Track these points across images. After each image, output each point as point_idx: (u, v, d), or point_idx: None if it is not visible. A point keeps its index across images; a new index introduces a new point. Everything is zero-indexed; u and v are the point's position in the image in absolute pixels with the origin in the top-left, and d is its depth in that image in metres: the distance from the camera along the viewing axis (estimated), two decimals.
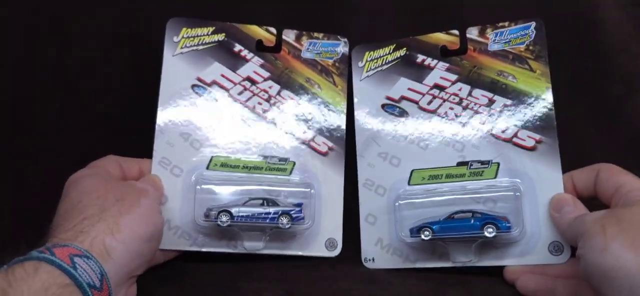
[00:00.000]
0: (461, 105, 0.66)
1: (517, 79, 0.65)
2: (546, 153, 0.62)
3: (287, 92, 0.70)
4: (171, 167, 0.66)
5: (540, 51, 0.64)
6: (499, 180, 0.62)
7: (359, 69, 0.70)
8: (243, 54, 0.70)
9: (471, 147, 0.65)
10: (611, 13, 0.72)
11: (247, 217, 0.63)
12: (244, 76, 0.69)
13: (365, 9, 0.75)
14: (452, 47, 0.67)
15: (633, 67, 0.72)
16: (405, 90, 0.68)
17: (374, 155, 0.68)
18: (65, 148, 0.76)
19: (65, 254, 0.47)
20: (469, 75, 0.66)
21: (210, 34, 0.70)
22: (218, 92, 0.69)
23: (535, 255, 0.61)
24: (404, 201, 0.64)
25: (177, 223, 0.65)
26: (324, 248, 0.67)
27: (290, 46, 0.71)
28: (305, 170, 0.68)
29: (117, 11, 0.75)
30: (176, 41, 0.69)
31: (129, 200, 0.55)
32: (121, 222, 0.52)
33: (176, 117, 0.67)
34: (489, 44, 0.66)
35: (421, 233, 0.61)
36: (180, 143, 0.67)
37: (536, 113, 0.63)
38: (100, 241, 0.50)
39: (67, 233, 0.50)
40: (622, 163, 0.67)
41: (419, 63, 0.68)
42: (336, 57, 0.71)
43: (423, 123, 0.67)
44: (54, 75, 0.76)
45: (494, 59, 0.66)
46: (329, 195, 0.68)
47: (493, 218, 0.59)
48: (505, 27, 0.66)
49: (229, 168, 0.67)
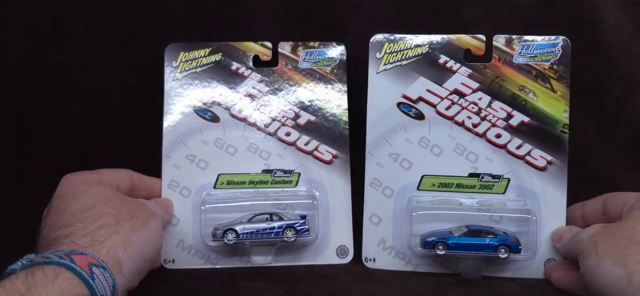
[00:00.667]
0: (479, 115, 0.65)
1: (537, 97, 0.64)
2: (555, 174, 0.64)
3: (288, 104, 0.69)
4: (180, 189, 0.67)
5: (564, 72, 0.64)
6: (514, 200, 0.64)
7: (377, 61, 0.66)
8: (240, 71, 0.69)
9: (484, 159, 0.65)
10: (611, 13, 0.72)
11: (253, 233, 0.64)
12: (243, 93, 0.69)
13: (365, 8, 0.74)
14: (477, 53, 0.65)
15: (633, 67, 0.73)
16: (424, 91, 0.65)
17: (384, 154, 0.66)
18: (65, 148, 0.75)
19: (85, 263, 0.47)
20: (491, 86, 0.65)
21: (207, 55, 0.69)
22: (220, 112, 0.68)
23: (533, 270, 0.64)
24: (420, 212, 0.63)
25: (191, 243, 0.67)
26: (335, 256, 0.67)
27: (287, 58, 0.69)
28: (311, 181, 0.67)
29: (117, 11, 0.74)
30: (175, 65, 0.69)
31: (141, 219, 0.55)
32: (133, 239, 0.53)
33: (181, 140, 0.68)
34: (515, 56, 0.65)
35: (436, 247, 0.61)
36: (186, 165, 0.68)
37: (551, 134, 0.64)
38: (114, 253, 0.50)
39: (84, 238, 0.50)
40: (622, 163, 0.72)
41: (441, 64, 0.65)
42: (334, 63, 0.69)
43: (439, 129, 0.65)
44: (54, 75, 0.76)
45: (518, 73, 0.65)
46: (337, 203, 0.67)
47: (506, 240, 0.61)
48: (532, 41, 0.64)
49: (235, 185, 0.68)
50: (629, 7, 0.72)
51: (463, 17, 0.73)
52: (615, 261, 0.50)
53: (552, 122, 0.64)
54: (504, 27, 0.70)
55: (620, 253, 0.51)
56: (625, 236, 0.52)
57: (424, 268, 0.65)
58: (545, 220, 0.64)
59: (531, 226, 0.62)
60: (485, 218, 0.63)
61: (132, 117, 0.75)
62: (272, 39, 0.69)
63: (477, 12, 0.73)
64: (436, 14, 0.73)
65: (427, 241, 0.62)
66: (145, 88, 0.73)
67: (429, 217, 0.63)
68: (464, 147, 0.65)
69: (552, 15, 0.72)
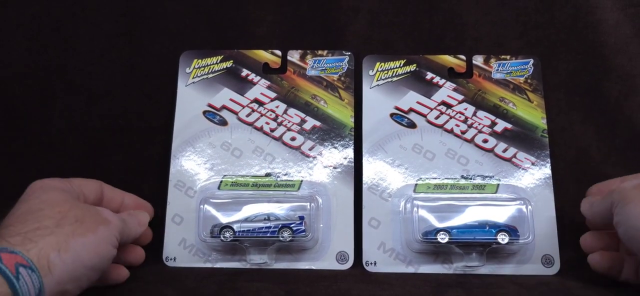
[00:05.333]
0: (466, 123, 0.70)
1: (516, 107, 0.71)
2: (541, 174, 0.68)
3: (294, 110, 0.72)
4: (185, 189, 0.69)
5: (537, 85, 0.72)
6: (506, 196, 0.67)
7: (370, 77, 0.72)
8: (250, 78, 0.73)
9: (474, 162, 0.69)
10: (610, 14, 0.74)
11: (249, 232, 0.64)
12: (251, 98, 0.72)
13: (364, 11, 0.76)
14: (459, 70, 0.73)
15: (631, 68, 0.74)
16: (414, 103, 0.71)
17: (381, 161, 0.69)
18: (65, 148, 0.75)
19: (12, 262, 0.46)
20: (474, 97, 0.71)
21: (219, 62, 0.73)
22: (227, 116, 0.71)
23: (530, 266, 0.65)
24: (421, 203, 0.65)
25: (192, 242, 0.67)
26: (335, 262, 0.67)
27: (295, 66, 0.73)
28: (314, 185, 0.69)
29: (118, 11, 0.76)
30: (188, 72, 0.73)
31: (88, 225, 0.53)
32: (71, 242, 0.51)
33: (190, 143, 0.70)
34: (493, 72, 0.72)
35: (438, 235, 0.62)
36: (193, 167, 0.70)
37: (532, 138, 0.70)
38: (45, 254, 0.49)
39: (17, 237, 0.49)
40: (622, 163, 0.73)
41: (428, 80, 0.72)
42: (341, 71, 0.73)
43: (430, 136, 0.70)
44: (54, 75, 0.76)
45: (497, 86, 0.72)
46: (339, 208, 0.68)
47: (505, 227, 0.63)
48: (507, 59, 0.73)
49: (239, 187, 0.69)
50: (628, 8, 0.74)
51: (462, 19, 0.75)
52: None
53: (532, 128, 0.70)
54: (503, 29, 0.75)
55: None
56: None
57: (425, 269, 0.65)
58: (536, 215, 0.66)
59: (527, 214, 0.64)
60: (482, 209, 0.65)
61: (132, 117, 0.75)
62: (271, 39, 0.74)
63: (476, 14, 0.75)
64: (435, 16, 0.76)
65: (428, 231, 0.63)
66: (146, 88, 0.75)
67: (429, 210, 0.65)
68: (454, 151, 0.69)
69: (551, 16, 0.74)
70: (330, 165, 0.69)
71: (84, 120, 0.76)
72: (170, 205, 0.68)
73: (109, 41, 0.77)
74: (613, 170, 0.74)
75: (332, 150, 0.70)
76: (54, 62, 0.77)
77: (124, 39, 0.70)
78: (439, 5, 0.77)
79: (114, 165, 0.74)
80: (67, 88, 0.76)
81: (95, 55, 0.77)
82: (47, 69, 0.77)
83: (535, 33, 0.73)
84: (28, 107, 0.76)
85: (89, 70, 0.77)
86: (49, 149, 0.76)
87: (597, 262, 0.60)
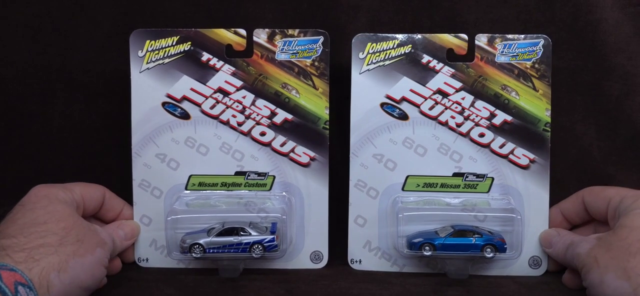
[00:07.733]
0: (463, 114, 0.65)
1: (519, 96, 0.64)
2: (538, 172, 0.64)
3: (262, 101, 0.65)
4: (151, 189, 0.65)
5: (545, 71, 0.64)
6: (498, 199, 0.64)
7: (359, 61, 0.65)
8: (212, 63, 0.65)
9: (468, 159, 0.65)
10: (610, 13, 0.72)
11: (219, 249, 0.61)
12: (214, 88, 0.65)
13: (365, 9, 0.74)
14: (459, 52, 0.65)
15: (632, 67, 0.73)
16: (407, 92, 0.65)
17: (369, 155, 0.65)
18: (65, 148, 0.76)
19: (11, 280, 0.47)
20: (474, 85, 0.65)
21: (175, 44, 0.64)
22: (189, 108, 0.65)
23: (517, 267, 0.64)
24: (406, 213, 0.63)
25: (163, 244, 0.65)
26: (309, 261, 0.66)
27: (263, 48, 0.64)
28: (286, 184, 0.65)
29: (118, 11, 0.74)
30: (141, 56, 0.65)
31: (87, 246, 0.55)
32: (70, 263, 0.52)
33: (150, 138, 0.65)
34: (497, 55, 0.65)
35: (422, 249, 0.61)
36: (157, 165, 0.65)
37: (533, 133, 0.64)
38: (46, 274, 0.50)
39: (21, 253, 0.50)
40: (622, 163, 0.74)
41: (424, 64, 0.65)
42: (315, 55, 0.65)
43: (423, 129, 0.65)
44: (54, 75, 0.76)
45: (500, 72, 0.65)
46: (313, 208, 0.65)
47: (492, 239, 0.61)
48: (514, 40, 0.64)
49: (207, 186, 0.65)
50: (628, 7, 0.72)
51: (462, 17, 0.73)
52: (619, 275, 0.51)
53: (534, 121, 0.65)
54: (503, 28, 0.72)
55: (622, 266, 0.51)
56: (623, 248, 0.53)
57: (410, 268, 0.65)
58: (529, 218, 0.64)
59: (516, 225, 0.62)
60: (470, 218, 0.63)
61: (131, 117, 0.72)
62: None
63: (476, 12, 0.73)
64: (435, 15, 0.73)
65: (413, 243, 0.62)
66: None
67: (415, 218, 0.63)
68: (448, 146, 0.65)
69: (551, 15, 0.73)
70: (304, 162, 0.65)
71: (83, 120, 0.76)
72: (137, 205, 0.65)
73: (109, 40, 0.75)
74: (614, 169, 0.74)
75: (305, 146, 0.65)
76: (54, 61, 0.76)
77: (124, 38, 0.65)
78: (440, 3, 0.73)
79: (113, 165, 0.74)
80: (67, 88, 0.76)
81: (95, 55, 0.75)
82: (47, 68, 0.76)
83: (536, 32, 0.66)
84: (28, 107, 0.76)
85: (89, 70, 0.76)
86: (49, 149, 0.76)
87: (570, 280, 0.61)
